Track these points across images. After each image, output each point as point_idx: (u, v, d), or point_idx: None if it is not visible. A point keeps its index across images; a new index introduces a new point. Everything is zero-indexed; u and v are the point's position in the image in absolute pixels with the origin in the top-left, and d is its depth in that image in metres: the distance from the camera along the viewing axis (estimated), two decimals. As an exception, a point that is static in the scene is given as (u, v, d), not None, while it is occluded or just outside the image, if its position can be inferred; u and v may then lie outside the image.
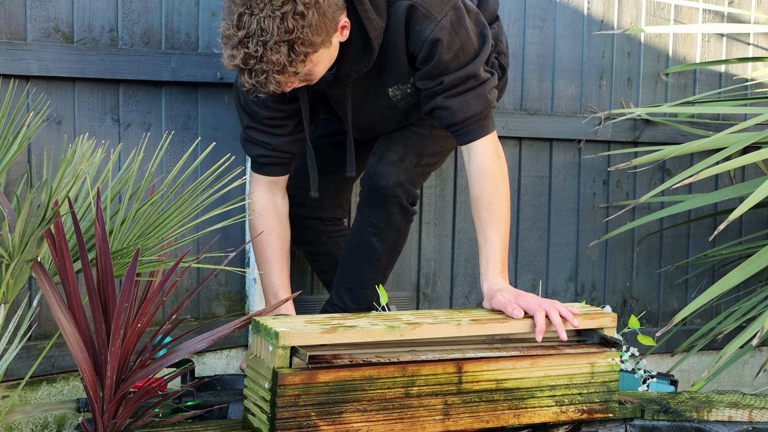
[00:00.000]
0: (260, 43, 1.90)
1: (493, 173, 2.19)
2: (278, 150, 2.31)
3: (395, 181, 2.36)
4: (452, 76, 2.16)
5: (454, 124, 2.20)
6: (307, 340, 1.79)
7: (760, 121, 2.70)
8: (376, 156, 2.41)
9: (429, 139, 2.44)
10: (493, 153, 2.21)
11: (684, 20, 3.36)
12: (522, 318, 1.99)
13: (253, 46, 1.91)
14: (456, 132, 2.21)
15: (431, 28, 2.12)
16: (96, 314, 1.74)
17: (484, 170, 2.19)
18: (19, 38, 2.30)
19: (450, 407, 1.90)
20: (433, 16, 2.11)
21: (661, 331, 2.64)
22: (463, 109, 2.18)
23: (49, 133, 2.36)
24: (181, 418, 1.94)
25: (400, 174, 2.37)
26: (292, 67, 1.94)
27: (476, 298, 3.09)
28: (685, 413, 2.18)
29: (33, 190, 1.68)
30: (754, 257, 2.60)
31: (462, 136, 2.21)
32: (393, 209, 2.38)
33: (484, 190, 2.18)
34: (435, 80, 2.17)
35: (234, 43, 1.94)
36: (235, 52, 1.94)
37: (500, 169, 2.21)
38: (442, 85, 2.17)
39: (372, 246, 2.41)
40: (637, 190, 3.34)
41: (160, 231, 1.91)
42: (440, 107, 2.19)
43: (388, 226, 2.40)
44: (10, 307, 2.11)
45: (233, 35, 1.93)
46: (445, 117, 2.20)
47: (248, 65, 1.93)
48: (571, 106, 3.20)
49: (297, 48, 1.93)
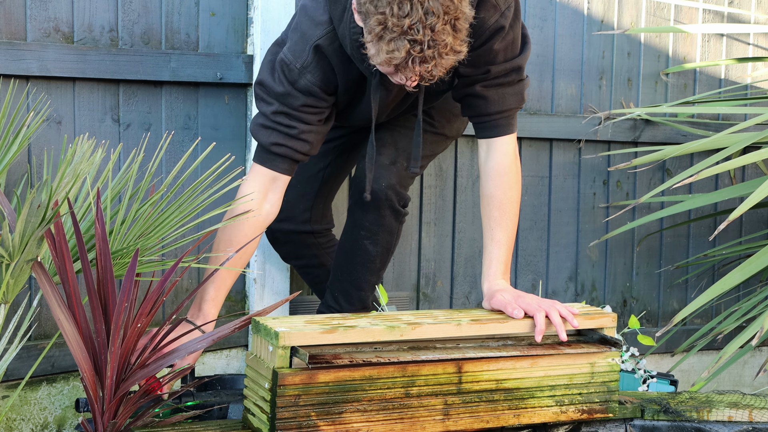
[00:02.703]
0: (429, 27, 1.80)
1: (510, 172, 2.18)
2: (299, 138, 2.16)
3: (387, 184, 2.34)
4: (499, 67, 2.14)
5: (486, 115, 2.16)
6: (307, 340, 1.79)
7: (760, 121, 2.70)
8: (366, 159, 2.38)
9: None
10: (514, 152, 2.19)
11: (684, 20, 3.36)
12: (522, 318, 1.99)
13: (421, 31, 1.80)
14: (483, 124, 2.18)
15: (495, 17, 2.08)
16: (96, 314, 1.74)
17: (503, 168, 2.17)
18: (19, 38, 2.30)
19: (450, 407, 1.90)
20: (499, 6, 2.08)
21: (661, 331, 2.64)
22: (499, 102, 2.15)
23: (49, 133, 2.36)
24: (181, 418, 1.94)
25: (391, 177, 2.35)
26: (458, 46, 1.87)
27: (476, 298, 3.09)
28: (685, 413, 2.18)
29: (33, 190, 1.68)
30: (754, 257, 2.60)
31: (489, 129, 2.18)
32: (385, 212, 2.37)
33: (500, 189, 2.16)
34: (481, 68, 2.13)
35: (395, 35, 1.82)
36: (398, 44, 1.82)
37: (517, 169, 2.19)
38: (487, 74, 2.13)
39: (365, 249, 2.40)
40: (637, 190, 3.34)
41: (160, 231, 1.92)
42: (476, 95, 2.16)
43: (381, 229, 2.39)
44: (10, 307, 2.11)
45: (395, 26, 1.81)
46: (478, 106, 2.16)
47: (415, 53, 1.83)
48: (571, 106, 3.20)
49: (458, 25, 1.85)
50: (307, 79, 2.11)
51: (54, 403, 2.43)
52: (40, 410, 2.40)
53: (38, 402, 2.40)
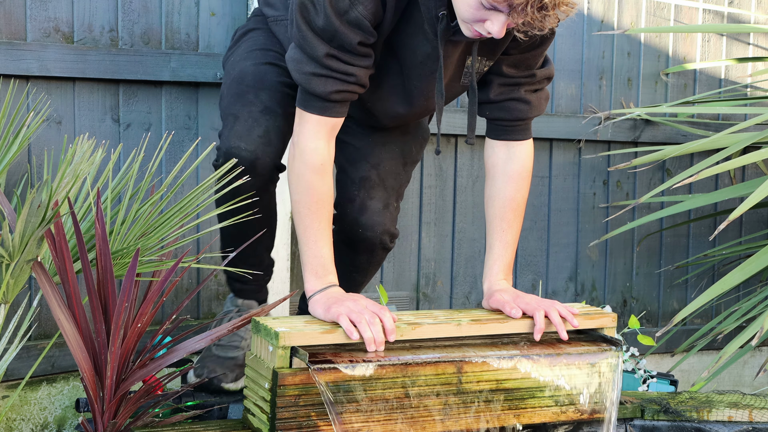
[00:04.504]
0: None
1: (529, 176, 2.17)
2: (359, 83, 1.95)
3: (382, 230, 2.25)
4: (541, 72, 2.12)
5: (524, 120, 2.14)
6: (307, 340, 1.79)
7: (760, 121, 2.70)
8: (356, 204, 2.21)
9: (404, 177, 2.35)
10: (532, 156, 2.19)
11: (684, 20, 3.36)
12: (520, 318, 1.99)
13: None
14: (516, 127, 2.15)
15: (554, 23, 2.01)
16: (96, 314, 1.74)
17: (526, 171, 2.15)
18: (19, 38, 2.30)
19: (450, 407, 1.90)
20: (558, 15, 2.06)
21: (661, 331, 2.64)
22: (537, 107, 2.14)
23: (49, 133, 2.36)
24: (181, 418, 1.94)
25: (386, 222, 2.25)
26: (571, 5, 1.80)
27: (476, 298, 3.09)
28: (685, 413, 2.18)
29: (33, 190, 1.68)
30: (754, 257, 2.60)
31: (518, 132, 2.15)
32: (378, 252, 2.30)
33: (519, 192, 2.14)
34: (527, 71, 2.10)
35: None
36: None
37: (531, 172, 2.19)
38: (532, 78, 2.10)
39: (354, 279, 2.34)
40: (637, 190, 3.34)
41: (160, 231, 1.91)
42: (521, 99, 2.12)
43: (371, 266, 2.34)
44: (10, 307, 2.11)
45: None
46: (521, 110, 2.12)
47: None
48: (571, 106, 3.20)
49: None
50: (359, 11, 1.87)
51: (54, 403, 2.43)
52: (40, 410, 2.41)
53: (38, 402, 2.40)
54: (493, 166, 2.17)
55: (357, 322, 1.81)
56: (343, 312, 1.83)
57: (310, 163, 1.94)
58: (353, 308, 1.83)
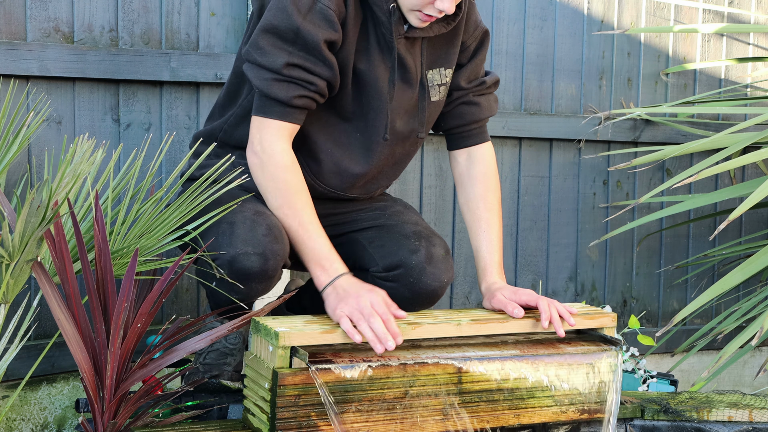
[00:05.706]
0: None
1: (495, 175, 2.25)
2: (319, 93, 1.96)
3: (448, 278, 2.11)
4: (489, 78, 2.24)
5: (477, 122, 2.23)
6: (307, 340, 1.79)
7: (760, 121, 2.70)
8: (421, 254, 2.07)
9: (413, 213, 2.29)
10: (494, 157, 2.28)
11: (684, 20, 3.36)
12: (522, 317, 1.99)
13: None
14: (471, 131, 2.24)
15: (479, 20, 2.19)
16: (96, 314, 1.74)
17: (491, 171, 2.24)
18: (19, 38, 2.30)
19: (450, 407, 1.90)
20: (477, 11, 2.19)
21: (661, 331, 2.64)
22: (487, 108, 2.24)
23: (49, 133, 2.36)
24: (181, 418, 1.94)
25: (450, 270, 2.11)
26: None
27: (476, 298, 3.09)
28: (685, 413, 2.18)
29: (33, 190, 1.68)
30: (754, 257, 2.60)
31: (475, 135, 2.25)
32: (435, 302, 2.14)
33: (490, 191, 2.22)
34: (477, 80, 2.22)
35: None
36: None
37: (497, 171, 2.27)
38: (483, 86, 2.23)
39: None
40: (637, 190, 3.34)
41: (160, 231, 1.91)
42: (471, 102, 2.22)
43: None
44: (10, 307, 2.11)
45: None
46: (472, 113, 2.22)
47: None
48: (571, 106, 3.20)
49: None
50: (323, 3, 1.90)
51: (54, 403, 2.43)
52: (40, 410, 2.41)
53: (38, 402, 2.40)
54: (459, 175, 2.25)
55: (357, 322, 1.81)
56: (345, 313, 1.83)
57: (281, 164, 1.94)
58: (356, 307, 1.83)
